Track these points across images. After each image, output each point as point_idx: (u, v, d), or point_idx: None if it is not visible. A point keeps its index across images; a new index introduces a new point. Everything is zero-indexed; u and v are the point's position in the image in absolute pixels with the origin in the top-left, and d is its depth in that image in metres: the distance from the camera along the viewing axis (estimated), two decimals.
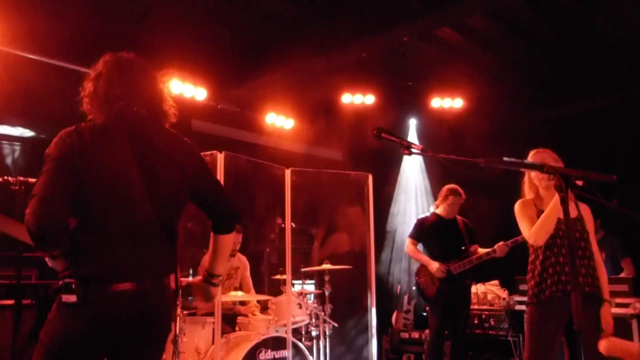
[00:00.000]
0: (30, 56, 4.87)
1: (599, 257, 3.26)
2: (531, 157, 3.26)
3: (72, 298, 1.92)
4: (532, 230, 3.11)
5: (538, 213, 3.20)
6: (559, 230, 3.11)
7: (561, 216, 2.98)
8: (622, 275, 5.31)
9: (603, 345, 2.51)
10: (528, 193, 3.35)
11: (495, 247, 4.92)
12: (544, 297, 3.06)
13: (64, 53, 5.00)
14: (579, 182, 2.44)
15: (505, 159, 3.21)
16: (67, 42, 4.93)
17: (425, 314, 5.57)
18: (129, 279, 1.99)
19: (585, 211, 3.33)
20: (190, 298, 2.62)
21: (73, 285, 1.92)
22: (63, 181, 1.93)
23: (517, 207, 3.30)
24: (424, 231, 5.23)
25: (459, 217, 5.28)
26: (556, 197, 2.97)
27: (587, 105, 6.38)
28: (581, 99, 6.34)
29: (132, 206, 2.03)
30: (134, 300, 1.99)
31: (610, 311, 3.09)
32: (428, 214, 5.40)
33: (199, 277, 2.50)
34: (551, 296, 3.03)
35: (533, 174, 3.28)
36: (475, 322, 5.78)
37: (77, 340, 1.93)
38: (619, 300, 4.67)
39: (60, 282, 1.96)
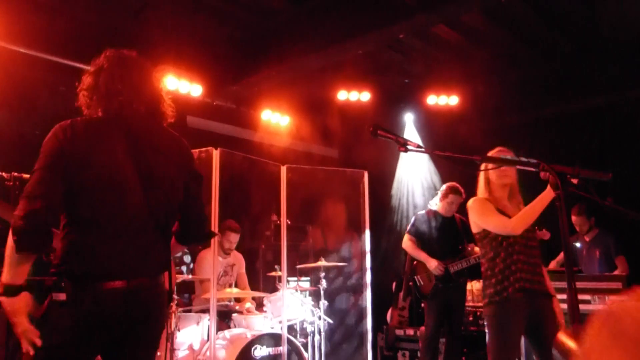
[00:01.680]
0: (25, 51, 4.84)
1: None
2: (492, 154, 3.27)
3: (62, 296, 1.91)
4: (515, 220, 3.12)
5: (497, 211, 3.23)
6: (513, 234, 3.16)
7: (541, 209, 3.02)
8: (616, 272, 5.33)
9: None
10: (483, 192, 3.34)
11: None
12: (506, 294, 3.08)
13: (59, 48, 4.98)
14: (574, 180, 2.44)
15: (501, 156, 3.23)
16: (63, 37, 4.90)
17: (420, 311, 5.58)
18: (120, 277, 1.97)
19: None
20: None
21: (63, 284, 1.91)
22: (54, 182, 1.92)
23: (475, 204, 3.30)
24: (422, 228, 5.24)
25: (457, 215, 5.29)
26: (544, 192, 2.98)
27: (582, 104, 6.40)
28: (576, 97, 6.36)
29: (126, 203, 2.02)
30: (126, 299, 1.97)
31: (558, 305, 3.23)
32: (427, 211, 5.41)
33: None
34: (513, 294, 3.06)
35: (493, 174, 3.28)
36: (470, 319, 5.80)
37: (68, 338, 1.92)
38: (612, 297, 4.70)
39: (51, 280, 1.95)
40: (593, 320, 0.67)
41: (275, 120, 7.07)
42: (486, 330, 3.20)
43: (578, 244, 5.68)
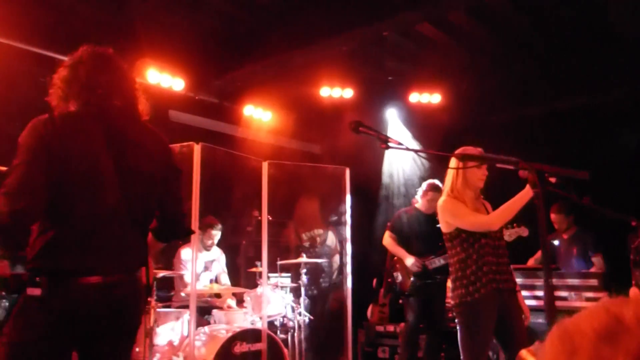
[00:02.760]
0: (5, 41, 4.75)
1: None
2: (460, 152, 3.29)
3: (37, 291, 1.88)
4: (493, 216, 3.17)
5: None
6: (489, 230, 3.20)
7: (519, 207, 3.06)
8: (593, 270, 5.42)
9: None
10: (455, 190, 3.33)
11: None
12: (478, 295, 3.11)
13: (39, 39, 4.90)
14: (552, 179, 2.47)
15: (482, 154, 3.25)
16: (44, 28, 4.82)
17: (400, 307, 5.62)
18: (96, 272, 1.95)
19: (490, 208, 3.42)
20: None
21: (38, 279, 1.89)
22: (38, 178, 1.89)
23: (447, 204, 3.30)
24: (403, 225, 5.27)
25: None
26: (524, 190, 3.02)
27: (563, 103, 6.47)
28: (557, 97, 6.43)
29: (103, 198, 2.00)
30: (102, 294, 1.95)
31: (522, 299, 3.41)
32: (408, 208, 5.43)
33: None
34: (486, 294, 3.10)
35: (471, 171, 3.29)
36: (450, 315, 5.84)
37: (43, 334, 1.90)
38: (589, 294, 4.77)
39: (26, 275, 1.92)
40: (548, 337, 0.68)
41: (258, 115, 7.05)
42: (457, 329, 3.22)
43: (556, 242, 5.75)
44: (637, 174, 5.57)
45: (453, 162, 3.20)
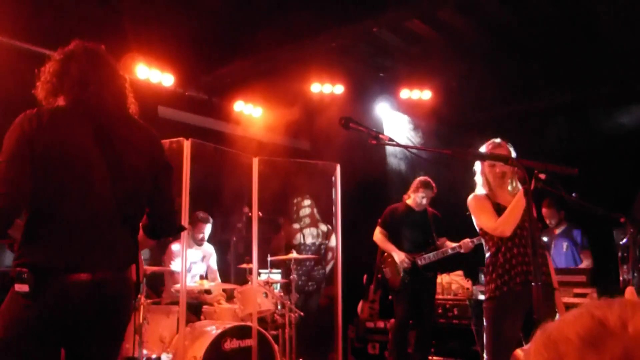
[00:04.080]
0: None
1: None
2: (485, 148, 3.28)
3: (24, 288, 1.87)
4: (500, 222, 3.13)
5: (494, 206, 3.22)
6: (518, 222, 3.13)
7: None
8: (581, 266, 5.47)
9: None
10: (480, 188, 3.34)
11: (461, 243, 5.00)
12: (507, 289, 3.09)
13: (25, 34, 4.84)
14: (542, 175, 2.49)
15: (472, 151, 3.26)
16: (30, 23, 4.77)
17: (390, 303, 5.63)
18: (85, 269, 1.94)
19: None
20: None
21: (25, 275, 1.87)
22: (22, 175, 1.87)
23: (472, 202, 3.30)
24: (394, 221, 5.28)
25: (429, 209, 5.34)
26: (520, 190, 3.01)
27: (552, 101, 6.52)
28: (546, 94, 6.47)
29: (92, 194, 1.98)
30: (90, 291, 1.94)
31: (560, 298, 3.24)
32: (398, 204, 5.44)
33: None
34: (514, 288, 3.07)
35: (487, 168, 3.28)
36: (439, 311, 5.87)
37: (30, 330, 1.88)
38: (577, 290, 4.81)
39: (13, 271, 1.90)
40: (533, 344, 0.67)
41: (248, 111, 7.02)
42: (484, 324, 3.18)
43: (545, 238, 5.80)
44: (624, 170, 5.62)
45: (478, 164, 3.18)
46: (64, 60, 2.10)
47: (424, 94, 6.82)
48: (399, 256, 5.09)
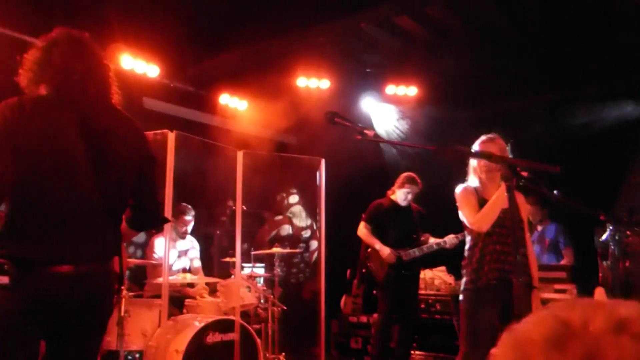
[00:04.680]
0: None
1: (530, 245, 3.38)
2: (479, 144, 3.30)
3: (5, 279, 1.85)
4: (477, 217, 3.17)
5: (480, 201, 3.25)
6: (499, 219, 3.17)
7: (506, 205, 3.06)
8: (562, 263, 5.53)
9: None
10: (472, 180, 3.39)
11: (446, 238, 5.03)
12: (480, 283, 3.13)
13: (10, 21, 4.76)
14: (524, 173, 2.51)
15: (456, 147, 3.28)
16: (14, 9, 4.69)
17: (374, 298, 5.66)
18: (67, 261, 1.92)
19: (520, 200, 3.41)
20: None
21: (6, 267, 1.85)
22: (3, 164, 1.84)
23: (459, 193, 3.33)
24: (378, 216, 5.29)
25: (413, 205, 5.36)
26: (502, 186, 3.04)
27: (538, 99, 6.57)
28: (531, 92, 6.52)
29: (75, 186, 1.96)
30: (73, 284, 1.92)
31: (539, 297, 3.26)
32: (383, 199, 5.46)
33: None
34: (487, 283, 3.12)
35: (477, 162, 3.32)
36: (422, 306, 5.91)
37: (11, 322, 1.86)
38: (557, 286, 4.87)
39: None
40: (500, 346, 0.68)
41: (234, 104, 6.99)
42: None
43: None
44: (606, 168, 5.69)
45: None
46: (46, 47, 2.07)
47: (409, 90, 6.84)
48: (384, 251, 5.11)
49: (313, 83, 6.65)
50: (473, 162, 3.35)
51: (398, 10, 5.33)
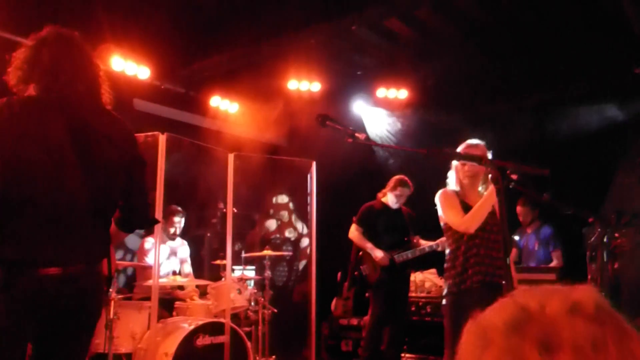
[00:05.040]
0: None
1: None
2: (462, 149, 3.33)
3: None
4: (466, 218, 3.19)
5: (461, 204, 3.28)
6: (482, 222, 3.20)
7: (490, 208, 3.10)
8: (552, 264, 5.57)
9: None
10: (452, 185, 3.40)
11: (439, 241, 5.04)
12: (464, 287, 3.15)
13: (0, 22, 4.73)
14: (514, 176, 2.52)
15: (447, 150, 3.29)
16: (4, 10, 4.66)
17: (365, 300, 5.67)
18: (55, 263, 1.90)
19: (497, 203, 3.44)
20: None
21: None
22: None
23: (441, 196, 3.36)
24: (370, 219, 5.30)
25: (404, 208, 5.37)
26: (491, 188, 3.06)
27: (527, 101, 6.61)
28: (521, 94, 6.56)
29: (64, 187, 1.94)
30: (61, 286, 1.90)
31: None
32: (374, 202, 5.46)
33: None
34: (472, 286, 3.14)
35: (461, 167, 3.33)
36: (413, 309, 5.92)
37: None
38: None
39: None
40: (464, 332, 0.71)
41: (225, 107, 6.97)
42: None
43: (517, 237, 5.89)
44: (595, 171, 5.74)
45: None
46: (36, 46, 2.05)
47: (400, 93, 6.86)
48: (377, 253, 5.11)
49: (304, 85, 6.65)
50: (455, 167, 3.37)
51: (388, 13, 5.35)
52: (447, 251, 3.35)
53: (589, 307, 0.65)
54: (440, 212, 3.35)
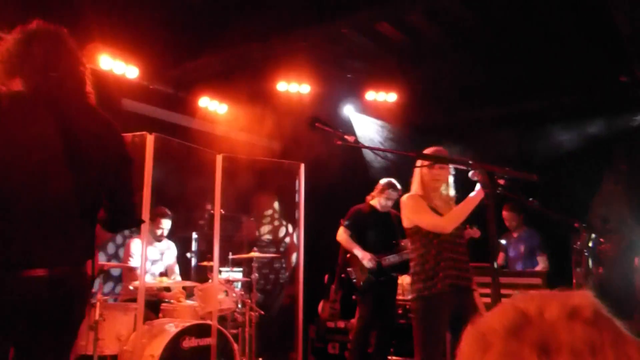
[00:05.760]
0: None
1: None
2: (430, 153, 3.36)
3: None
4: (447, 218, 3.24)
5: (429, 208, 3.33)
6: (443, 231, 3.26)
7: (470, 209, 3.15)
8: (537, 269, 5.61)
9: None
10: (418, 189, 3.43)
11: None
12: (435, 290, 3.18)
13: None
14: (501, 181, 2.54)
15: (436, 154, 3.31)
16: None
17: (352, 303, 5.67)
18: (41, 265, 1.87)
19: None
20: None
21: None
22: None
23: (409, 201, 3.39)
24: (358, 222, 5.30)
25: (392, 211, 5.38)
26: (475, 192, 3.10)
27: (515, 107, 6.66)
28: (509, 101, 6.61)
29: (51, 186, 1.92)
30: (46, 287, 1.88)
31: (479, 298, 3.41)
32: (362, 205, 5.47)
33: None
34: (442, 290, 3.17)
35: (428, 171, 3.36)
36: (400, 312, 5.93)
37: None
38: (533, 292, 4.93)
39: None
40: (464, 337, 0.72)
41: (214, 108, 6.95)
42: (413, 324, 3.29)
43: (503, 241, 5.93)
44: (581, 176, 5.79)
45: (418, 161, 3.26)
46: (24, 40, 2.01)
47: (389, 96, 6.88)
48: (364, 256, 5.11)
49: (293, 88, 6.65)
50: (420, 170, 3.39)
51: (379, 17, 5.37)
52: (413, 255, 3.38)
53: (587, 312, 0.66)
54: (408, 215, 3.38)
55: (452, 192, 3.46)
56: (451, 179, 3.44)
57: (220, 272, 4.97)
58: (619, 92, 5.99)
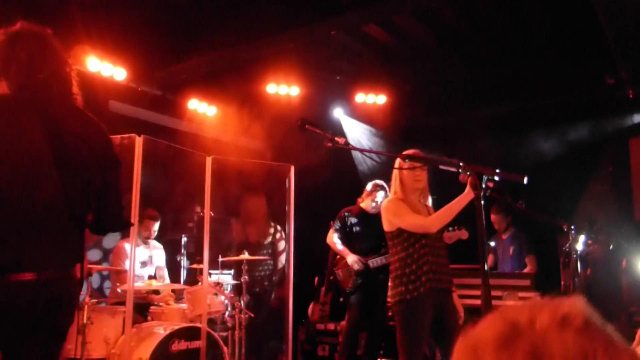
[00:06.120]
0: None
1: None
2: (399, 162, 3.37)
3: None
4: (432, 218, 3.26)
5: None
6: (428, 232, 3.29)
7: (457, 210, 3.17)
8: (525, 271, 5.64)
9: None
10: (398, 192, 3.44)
11: None
12: (417, 293, 3.20)
13: None
14: (490, 183, 2.55)
15: (426, 155, 3.32)
16: None
17: (341, 305, 5.67)
18: (29, 269, 1.85)
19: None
20: None
21: None
22: None
23: (389, 204, 3.41)
24: (347, 223, 5.30)
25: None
26: (464, 193, 3.10)
27: (503, 109, 6.71)
28: (498, 102, 6.65)
29: (39, 189, 1.90)
30: (35, 291, 1.86)
31: (457, 298, 3.46)
32: (352, 207, 5.47)
33: None
34: (424, 292, 3.19)
35: (408, 174, 3.38)
36: (389, 314, 5.93)
37: None
38: (521, 294, 4.96)
39: None
40: (455, 350, 0.71)
41: (202, 110, 6.92)
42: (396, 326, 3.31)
43: (492, 243, 5.95)
44: (568, 178, 5.84)
45: (397, 163, 3.27)
46: (8, 42, 1.99)
47: (378, 99, 6.89)
48: (351, 258, 5.11)
49: (283, 89, 6.64)
50: (399, 172, 3.40)
51: (367, 19, 5.38)
52: (393, 259, 3.40)
53: (578, 320, 0.66)
54: (390, 219, 3.39)
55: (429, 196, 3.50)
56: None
57: (210, 274, 4.95)
58: (604, 94, 6.05)
